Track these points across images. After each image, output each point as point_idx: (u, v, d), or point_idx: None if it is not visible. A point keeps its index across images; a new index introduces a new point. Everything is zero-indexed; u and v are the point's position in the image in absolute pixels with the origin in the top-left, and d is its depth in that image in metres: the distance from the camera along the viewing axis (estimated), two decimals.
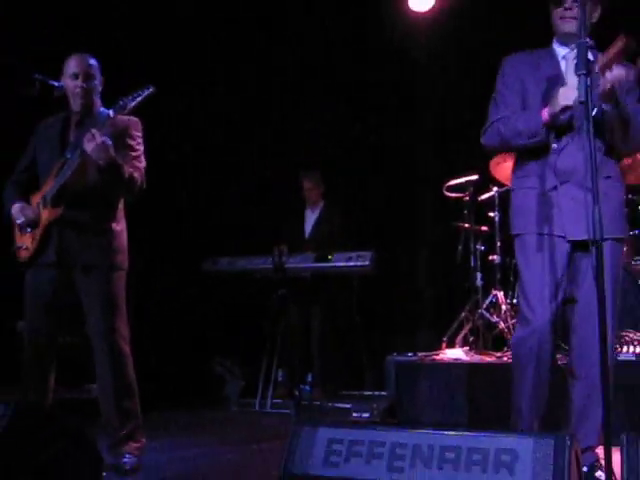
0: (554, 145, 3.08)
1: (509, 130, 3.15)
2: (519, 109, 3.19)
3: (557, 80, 3.14)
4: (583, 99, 2.59)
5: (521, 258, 3.20)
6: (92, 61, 3.64)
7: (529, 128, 3.08)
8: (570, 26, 3.12)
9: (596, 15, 3.18)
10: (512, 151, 3.43)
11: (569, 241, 3.06)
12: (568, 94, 2.94)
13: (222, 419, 5.49)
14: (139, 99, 3.40)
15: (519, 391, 3.14)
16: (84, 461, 2.52)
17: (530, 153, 3.17)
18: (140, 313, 6.05)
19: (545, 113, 3.04)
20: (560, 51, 3.24)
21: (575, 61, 2.86)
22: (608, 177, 3.08)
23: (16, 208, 3.60)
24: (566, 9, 3.13)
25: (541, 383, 3.10)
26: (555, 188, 3.08)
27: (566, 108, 2.97)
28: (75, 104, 3.61)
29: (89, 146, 3.35)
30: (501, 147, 3.35)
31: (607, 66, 2.73)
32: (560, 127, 3.05)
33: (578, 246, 3.06)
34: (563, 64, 3.20)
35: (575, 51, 3.01)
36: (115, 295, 3.58)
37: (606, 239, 2.73)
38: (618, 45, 2.72)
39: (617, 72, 2.81)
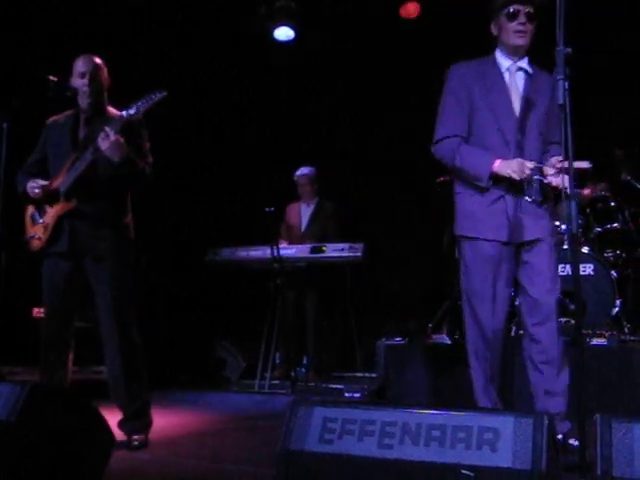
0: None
1: (459, 165, 3.18)
2: (466, 127, 3.20)
3: (501, 91, 3.18)
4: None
5: (471, 263, 3.23)
6: (98, 61, 3.64)
7: (475, 175, 3.13)
8: (523, 41, 3.16)
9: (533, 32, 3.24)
10: None
11: (515, 244, 3.14)
12: (523, 169, 3.02)
13: (224, 399, 5.50)
14: (152, 102, 3.39)
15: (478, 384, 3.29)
16: (97, 438, 2.51)
17: None
18: (148, 300, 6.07)
19: (495, 167, 3.07)
20: (503, 62, 3.24)
21: (521, 73, 3.17)
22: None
23: (31, 182, 3.56)
24: (520, 24, 3.14)
25: (495, 374, 3.27)
26: (501, 196, 3.12)
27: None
28: (83, 102, 3.60)
29: (104, 144, 3.36)
30: (448, 168, 3.31)
31: (565, 171, 2.71)
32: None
33: (520, 246, 3.17)
34: (507, 75, 3.21)
35: (517, 64, 3.22)
36: (124, 283, 3.58)
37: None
38: (583, 166, 2.93)
39: (564, 181, 2.83)
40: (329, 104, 7.17)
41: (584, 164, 2.95)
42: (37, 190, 3.53)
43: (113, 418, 3.38)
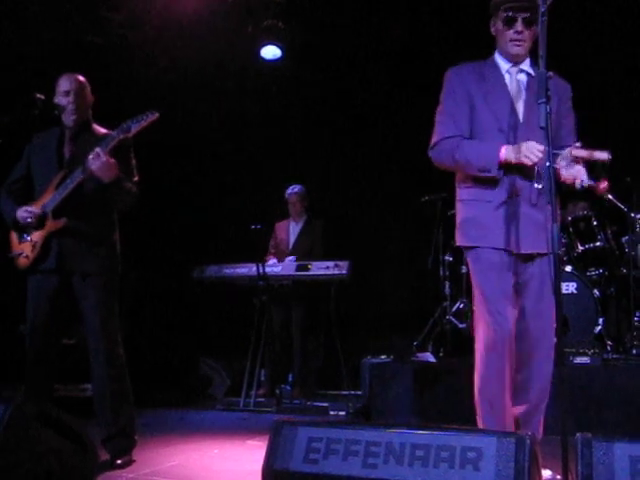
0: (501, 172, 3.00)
1: (462, 158, 3.02)
2: (468, 127, 3.07)
3: (502, 92, 3.06)
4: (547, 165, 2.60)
5: (478, 272, 3.08)
6: (81, 79, 3.66)
7: (483, 164, 2.98)
8: (519, 49, 3.05)
9: (535, 35, 3.04)
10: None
11: (517, 253, 3.00)
12: (533, 151, 2.86)
13: (209, 417, 5.47)
14: (143, 123, 3.41)
15: (490, 389, 3.00)
16: (81, 457, 2.50)
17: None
18: (134, 317, 6.06)
19: (502, 154, 2.95)
20: (503, 64, 3.12)
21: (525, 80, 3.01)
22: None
23: (22, 210, 3.54)
24: (517, 32, 3.02)
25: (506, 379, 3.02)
26: (505, 202, 2.99)
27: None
28: (68, 120, 3.61)
29: (95, 164, 3.37)
30: (450, 168, 3.15)
31: (581, 159, 2.70)
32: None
33: (522, 257, 3.03)
34: (507, 77, 3.10)
35: (518, 66, 3.09)
36: (111, 300, 3.58)
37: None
38: (603, 157, 2.76)
39: (577, 172, 2.80)
40: (316, 123, 7.21)
41: (604, 155, 2.77)
42: (30, 219, 3.52)
43: (98, 436, 3.37)
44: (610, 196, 5.17)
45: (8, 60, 5.34)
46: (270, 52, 6.89)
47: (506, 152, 2.94)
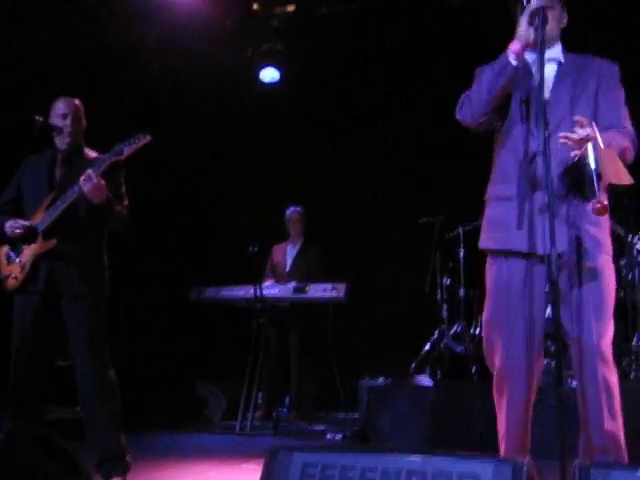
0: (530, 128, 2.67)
1: (479, 81, 2.77)
2: None
3: (529, 80, 2.78)
4: None
5: (492, 284, 2.79)
6: (77, 102, 3.68)
7: (496, 67, 2.71)
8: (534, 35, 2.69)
9: (564, 21, 2.88)
10: (481, 120, 2.82)
11: (542, 255, 2.61)
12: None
13: (205, 440, 5.43)
14: (135, 146, 3.42)
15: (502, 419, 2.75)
16: None
17: (506, 153, 2.80)
18: (130, 337, 6.03)
19: (512, 46, 2.68)
20: (528, 56, 2.79)
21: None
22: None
23: (12, 221, 3.53)
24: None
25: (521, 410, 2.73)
26: (529, 197, 2.66)
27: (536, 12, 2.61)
28: (62, 143, 3.62)
29: (86, 186, 3.38)
30: (472, 115, 2.80)
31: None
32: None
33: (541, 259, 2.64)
34: (534, 68, 2.76)
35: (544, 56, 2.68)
36: (99, 321, 3.55)
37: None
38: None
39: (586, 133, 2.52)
40: (314, 143, 7.24)
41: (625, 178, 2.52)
42: (18, 230, 3.51)
43: (91, 460, 3.33)
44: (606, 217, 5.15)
45: (8, 60, 5.32)
46: (269, 75, 6.95)
47: (513, 43, 2.68)
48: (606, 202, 2.58)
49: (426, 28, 6.42)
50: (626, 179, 2.56)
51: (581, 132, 2.52)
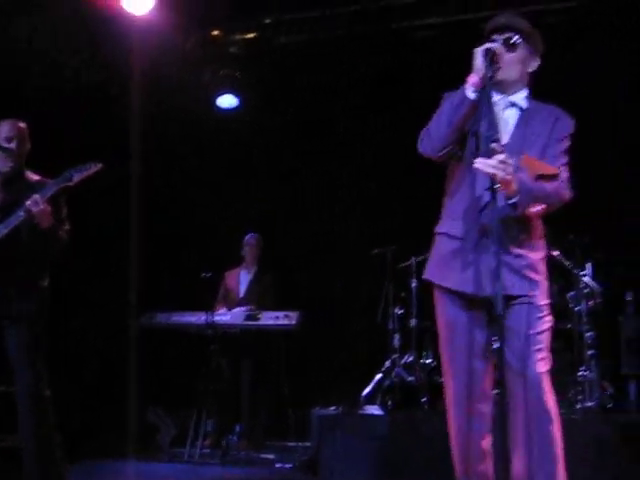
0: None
1: (435, 121, 2.75)
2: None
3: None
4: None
5: (439, 316, 2.83)
6: (22, 125, 3.64)
7: (455, 100, 2.69)
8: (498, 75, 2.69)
9: (534, 65, 2.85)
10: (442, 152, 2.78)
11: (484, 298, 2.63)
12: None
13: (153, 468, 5.34)
14: (85, 173, 3.40)
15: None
16: None
17: (458, 189, 2.80)
18: (80, 362, 5.91)
19: (469, 79, 2.65)
20: (493, 96, 2.71)
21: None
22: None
23: None
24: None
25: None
26: (475, 241, 2.69)
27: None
28: (4, 166, 3.58)
29: (33, 210, 3.33)
30: (432, 148, 2.76)
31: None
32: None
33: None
34: (495, 108, 2.74)
35: (508, 99, 2.79)
36: (38, 344, 3.51)
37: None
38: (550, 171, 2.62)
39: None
40: (271, 171, 7.26)
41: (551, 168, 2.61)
42: None
43: None
44: (557, 252, 5.25)
45: None
46: (227, 101, 6.96)
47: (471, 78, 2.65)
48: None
49: (385, 57, 6.50)
50: (552, 170, 2.65)
51: (499, 157, 2.51)
